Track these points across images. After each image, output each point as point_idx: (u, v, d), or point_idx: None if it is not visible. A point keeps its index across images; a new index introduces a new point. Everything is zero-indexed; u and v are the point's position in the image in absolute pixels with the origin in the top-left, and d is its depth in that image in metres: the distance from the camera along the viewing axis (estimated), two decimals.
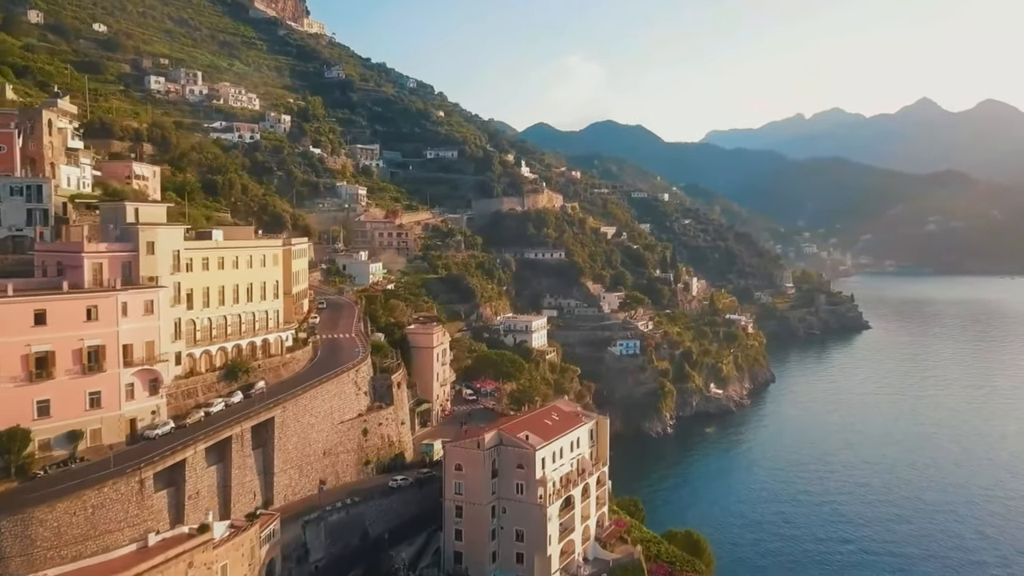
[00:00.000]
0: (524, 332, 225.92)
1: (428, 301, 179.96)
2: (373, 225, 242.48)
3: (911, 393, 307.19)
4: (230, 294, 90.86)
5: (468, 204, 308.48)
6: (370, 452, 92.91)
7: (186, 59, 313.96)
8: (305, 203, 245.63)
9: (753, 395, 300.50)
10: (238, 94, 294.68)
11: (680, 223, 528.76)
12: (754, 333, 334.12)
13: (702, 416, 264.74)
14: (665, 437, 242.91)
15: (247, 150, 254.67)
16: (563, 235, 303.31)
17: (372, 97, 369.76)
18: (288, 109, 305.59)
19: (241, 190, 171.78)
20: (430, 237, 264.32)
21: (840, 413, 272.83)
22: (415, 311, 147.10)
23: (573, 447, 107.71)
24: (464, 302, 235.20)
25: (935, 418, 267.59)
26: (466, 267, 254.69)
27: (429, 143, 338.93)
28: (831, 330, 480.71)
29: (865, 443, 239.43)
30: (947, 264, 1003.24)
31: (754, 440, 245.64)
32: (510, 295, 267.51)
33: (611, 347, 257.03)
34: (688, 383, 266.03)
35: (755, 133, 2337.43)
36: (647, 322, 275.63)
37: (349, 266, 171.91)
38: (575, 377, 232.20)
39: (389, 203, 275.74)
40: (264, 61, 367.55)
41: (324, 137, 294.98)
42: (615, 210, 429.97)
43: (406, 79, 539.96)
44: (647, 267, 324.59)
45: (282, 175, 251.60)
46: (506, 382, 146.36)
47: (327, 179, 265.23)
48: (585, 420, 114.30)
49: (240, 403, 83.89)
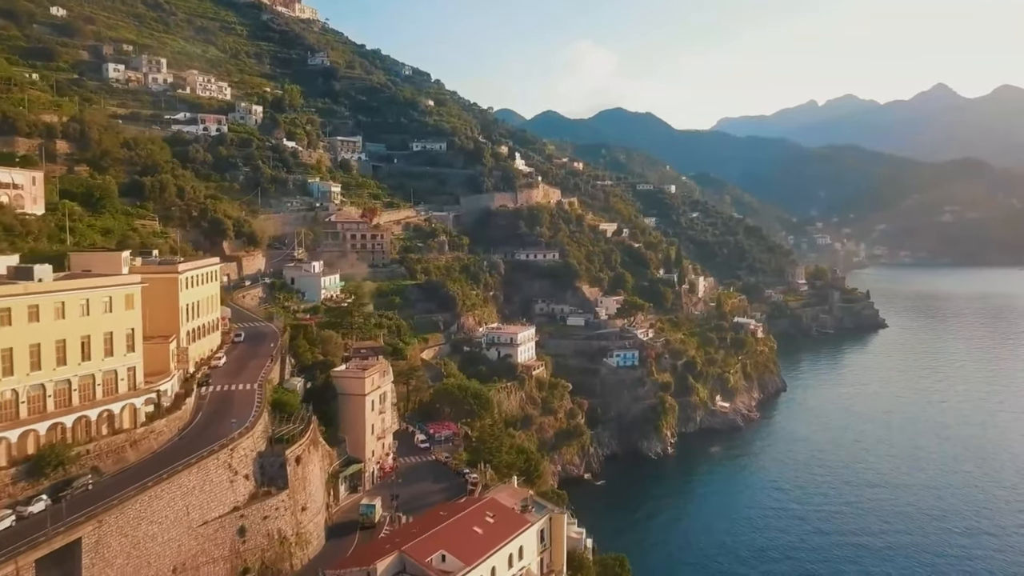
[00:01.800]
0: (509, 345, 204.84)
1: (388, 320, 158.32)
2: (345, 226, 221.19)
3: (932, 402, 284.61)
4: (50, 354, 67.73)
5: (456, 200, 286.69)
6: (250, 557, 68.29)
7: (154, 45, 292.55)
8: (271, 202, 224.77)
9: (763, 406, 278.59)
10: (207, 83, 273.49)
11: (687, 216, 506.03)
12: (764, 337, 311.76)
13: (707, 433, 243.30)
14: (665, 458, 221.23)
15: (211, 144, 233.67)
16: (558, 234, 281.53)
17: (357, 85, 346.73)
18: (262, 99, 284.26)
19: (176, 192, 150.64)
20: (410, 238, 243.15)
21: (856, 428, 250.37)
22: (360, 338, 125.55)
23: (514, 561, 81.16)
24: (444, 311, 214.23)
25: (960, 434, 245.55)
26: (448, 271, 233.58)
27: (416, 134, 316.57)
28: (845, 329, 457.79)
29: (883, 464, 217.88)
30: (964, 255, 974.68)
31: (763, 461, 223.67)
32: (497, 301, 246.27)
33: (607, 358, 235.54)
34: (691, 396, 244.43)
35: (767, 120, 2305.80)
36: (647, 330, 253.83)
37: (299, 280, 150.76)
38: (565, 394, 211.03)
39: (367, 201, 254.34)
40: (244, 48, 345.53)
41: (300, 129, 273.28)
42: (618, 204, 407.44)
43: (401, 66, 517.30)
44: (649, 267, 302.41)
45: (248, 171, 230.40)
46: (470, 420, 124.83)
47: (300, 175, 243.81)
48: (532, 519, 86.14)
49: (43, 512, 59.07)
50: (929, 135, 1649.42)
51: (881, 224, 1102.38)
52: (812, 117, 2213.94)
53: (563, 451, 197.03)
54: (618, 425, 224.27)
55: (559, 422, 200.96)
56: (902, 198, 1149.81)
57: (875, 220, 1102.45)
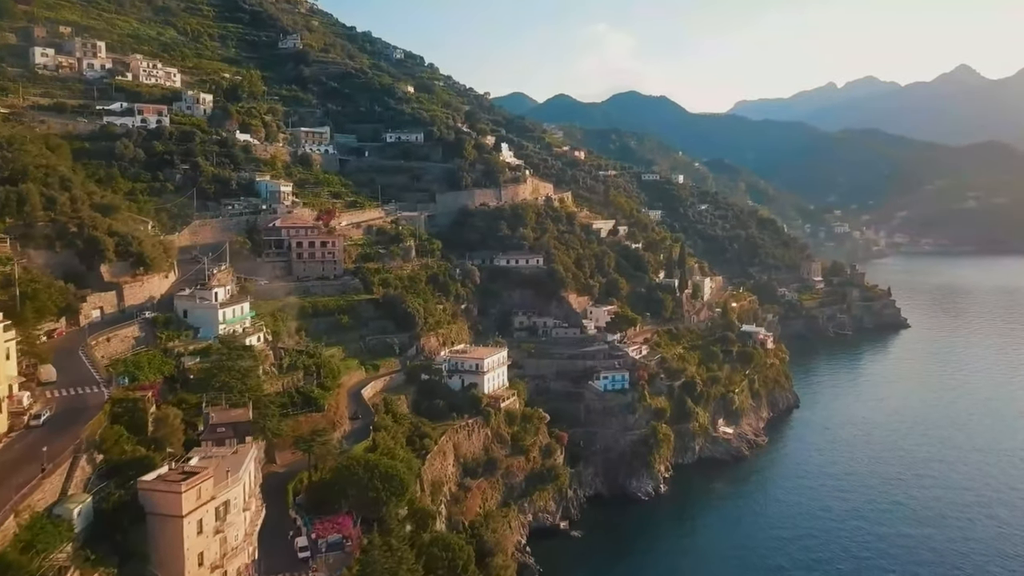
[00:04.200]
0: (474, 372, 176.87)
1: (308, 358, 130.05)
2: (292, 232, 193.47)
3: (964, 419, 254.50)
4: None
5: (432, 198, 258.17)
6: None
7: (100, 28, 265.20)
8: (209, 205, 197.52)
9: (772, 427, 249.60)
10: (152, 69, 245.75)
11: (695, 209, 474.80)
12: (775, 348, 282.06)
13: (707, 464, 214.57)
14: (656, 499, 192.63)
15: (145, 138, 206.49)
16: (544, 235, 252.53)
17: (330, 70, 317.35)
18: (217, 86, 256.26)
19: (47, 203, 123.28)
20: (371, 244, 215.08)
21: (881, 457, 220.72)
22: (229, 401, 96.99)
23: None
24: (402, 331, 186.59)
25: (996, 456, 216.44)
26: (413, 282, 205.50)
27: (392, 124, 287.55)
28: (865, 330, 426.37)
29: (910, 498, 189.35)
30: (989, 243, 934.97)
31: (771, 499, 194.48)
32: (470, 315, 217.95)
33: (593, 381, 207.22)
34: (690, 423, 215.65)
35: (785, 103, 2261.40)
36: (640, 346, 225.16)
37: (192, 312, 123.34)
38: (541, 427, 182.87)
39: (327, 200, 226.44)
40: (208, 30, 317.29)
41: (256, 120, 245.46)
42: (618, 198, 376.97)
43: (392, 49, 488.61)
44: (647, 272, 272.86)
45: (187, 169, 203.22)
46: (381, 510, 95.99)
47: (250, 172, 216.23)
48: None
49: None
50: (952, 118, 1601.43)
51: (902, 211, 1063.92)
52: (831, 100, 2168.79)
53: (535, 497, 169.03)
54: (603, 460, 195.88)
55: (532, 463, 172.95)
56: (924, 184, 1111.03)
57: (896, 207, 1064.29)
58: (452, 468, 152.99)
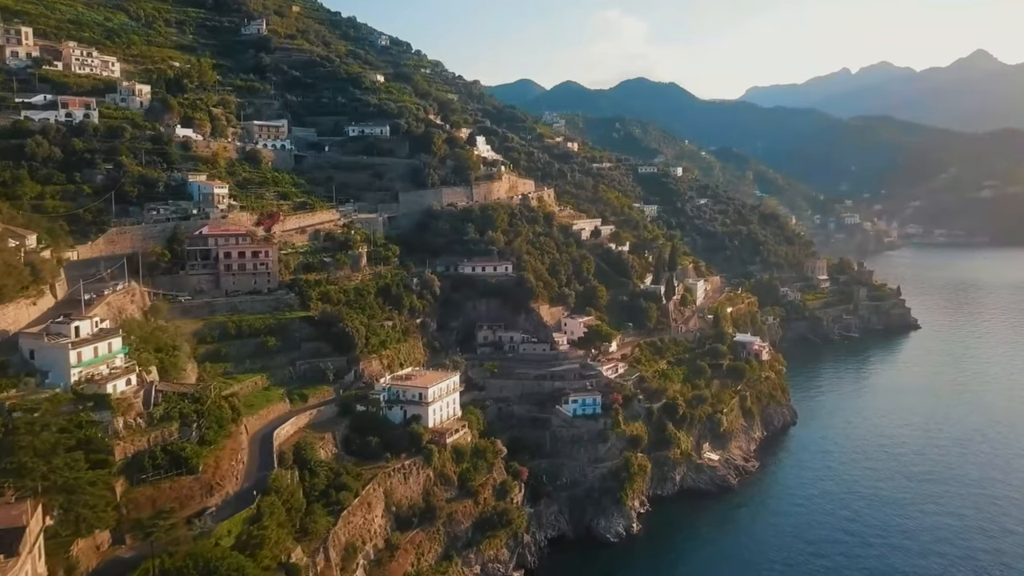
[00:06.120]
0: (416, 403, 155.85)
1: (194, 403, 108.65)
2: (220, 241, 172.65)
3: (978, 440, 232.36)
4: None
5: (395, 198, 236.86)
6: None
7: (37, 12, 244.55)
8: (131, 211, 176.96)
9: (765, 449, 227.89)
10: (85, 57, 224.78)
11: (694, 204, 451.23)
12: (771, 359, 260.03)
13: (688, 495, 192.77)
14: (628, 539, 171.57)
15: (65, 135, 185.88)
16: (516, 239, 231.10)
17: (292, 58, 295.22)
18: (160, 76, 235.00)
19: None
20: (316, 251, 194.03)
21: (884, 486, 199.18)
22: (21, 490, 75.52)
23: None
24: (340, 353, 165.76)
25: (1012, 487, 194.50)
26: (360, 295, 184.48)
27: (356, 116, 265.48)
28: (872, 331, 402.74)
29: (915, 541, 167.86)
30: (1004, 233, 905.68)
31: (757, 538, 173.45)
32: (427, 331, 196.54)
33: (561, 405, 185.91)
34: (670, 450, 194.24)
35: (797, 89, 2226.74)
36: (616, 364, 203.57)
37: (39, 353, 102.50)
38: (496, 463, 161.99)
39: (271, 202, 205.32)
40: (165, 14, 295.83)
41: (201, 113, 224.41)
42: (608, 194, 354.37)
43: (377, 36, 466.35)
44: (631, 278, 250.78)
45: (110, 169, 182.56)
46: None
47: (185, 171, 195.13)
48: None
49: None
50: (968, 104, 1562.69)
51: (915, 200, 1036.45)
52: (844, 86, 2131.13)
53: (484, 546, 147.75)
54: (569, 497, 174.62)
55: (482, 505, 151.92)
56: (938, 172, 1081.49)
57: (909, 196, 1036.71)
58: (380, 521, 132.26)
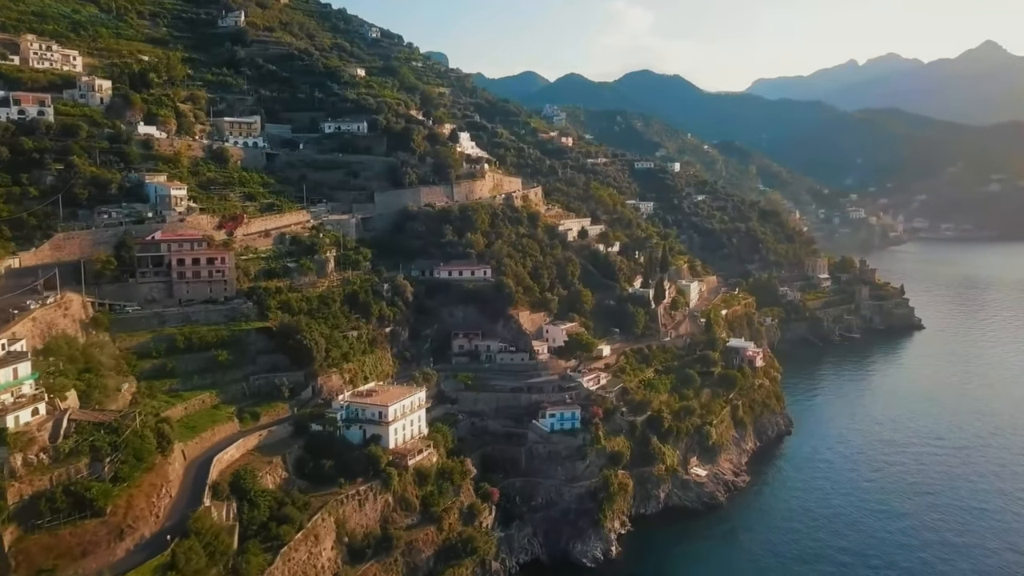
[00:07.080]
0: (376, 423, 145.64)
1: (108, 434, 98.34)
2: (174, 247, 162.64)
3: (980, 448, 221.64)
4: None
5: (370, 197, 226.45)
6: None
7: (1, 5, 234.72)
8: (80, 214, 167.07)
9: (757, 461, 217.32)
10: (45, 51, 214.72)
11: (691, 200, 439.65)
12: (765, 365, 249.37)
13: (673, 514, 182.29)
14: (607, 564, 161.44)
15: (14, 133, 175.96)
16: (496, 241, 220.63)
17: (268, 52, 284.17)
18: (124, 71, 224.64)
19: None
20: (279, 257, 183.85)
21: (883, 499, 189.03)
22: None
23: None
24: (298, 367, 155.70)
25: None
26: (325, 304, 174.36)
27: (333, 112, 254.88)
28: (874, 332, 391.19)
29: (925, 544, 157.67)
30: (1012, 228, 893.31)
31: (748, 561, 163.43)
32: (398, 340, 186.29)
33: (538, 419, 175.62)
34: (654, 465, 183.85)
35: (804, 81, 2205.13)
36: (599, 375, 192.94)
37: None
38: (465, 484, 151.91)
39: (235, 204, 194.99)
40: (139, 6, 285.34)
41: (167, 110, 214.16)
42: (600, 191, 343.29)
43: (368, 28, 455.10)
44: (619, 281, 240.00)
45: (61, 169, 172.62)
46: None
47: (147, 170, 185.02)
48: None
49: None
50: (977, 97, 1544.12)
51: (922, 194, 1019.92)
52: (851, 78, 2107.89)
53: None
54: (544, 519, 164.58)
55: (446, 532, 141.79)
56: (946, 165, 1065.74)
57: (915, 190, 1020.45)
58: (329, 554, 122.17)
